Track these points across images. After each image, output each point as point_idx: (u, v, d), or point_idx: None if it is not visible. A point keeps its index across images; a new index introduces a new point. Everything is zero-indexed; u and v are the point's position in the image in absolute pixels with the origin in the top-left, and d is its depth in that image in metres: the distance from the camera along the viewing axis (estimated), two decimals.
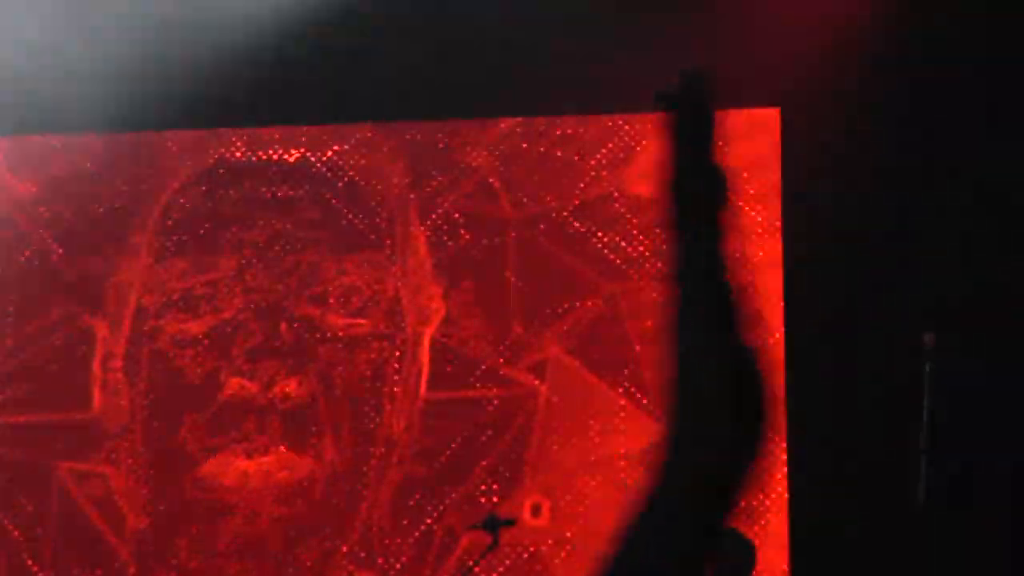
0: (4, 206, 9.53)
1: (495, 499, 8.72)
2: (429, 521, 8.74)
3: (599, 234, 9.13)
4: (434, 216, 9.29)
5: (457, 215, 9.28)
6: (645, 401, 8.78)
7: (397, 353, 9.05)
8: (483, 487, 8.78)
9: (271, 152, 9.53)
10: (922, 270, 8.40)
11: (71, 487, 8.98)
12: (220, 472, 8.87)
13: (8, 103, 9.39)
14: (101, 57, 9.19)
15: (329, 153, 9.48)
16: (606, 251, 9.10)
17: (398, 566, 8.68)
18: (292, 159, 9.49)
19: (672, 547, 2.56)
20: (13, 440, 9.07)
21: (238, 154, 9.54)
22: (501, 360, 8.96)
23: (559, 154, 9.31)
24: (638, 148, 9.23)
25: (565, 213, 9.19)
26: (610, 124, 9.31)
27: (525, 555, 8.63)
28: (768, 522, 8.45)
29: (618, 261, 9.08)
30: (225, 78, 9.18)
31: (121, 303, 9.28)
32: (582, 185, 9.23)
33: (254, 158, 9.53)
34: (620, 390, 8.83)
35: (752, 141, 8.88)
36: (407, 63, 9.14)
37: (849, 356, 8.45)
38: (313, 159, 9.48)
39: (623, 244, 9.09)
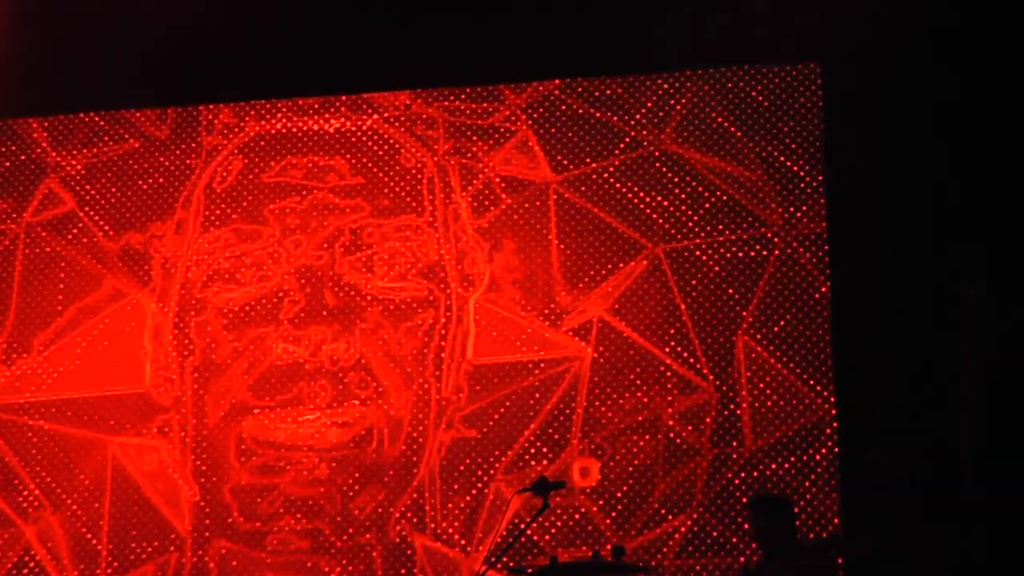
0: (50, 184, 9.61)
1: (544, 462, 8.77)
2: (480, 485, 8.81)
3: (641, 194, 9.12)
4: (475, 181, 9.31)
5: (497, 179, 9.29)
6: (691, 360, 8.79)
7: (443, 319, 9.09)
8: (532, 450, 8.83)
9: (311, 122, 9.56)
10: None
11: (125, 461, 9.10)
12: (270, 436, 8.96)
13: (50, 81, 9.47)
14: (140, 33, 9.25)
15: (368, 122, 9.50)
16: (648, 211, 9.09)
17: (450, 530, 8.75)
18: (332, 128, 9.53)
19: None
20: (68, 415, 9.18)
21: (278, 125, 9.58)
22: (546, 323, 8.99)
23: (598, 115, 9.29)
24: (678, 107, 9.20)
25: (606, 174, 9.18)
26: (648, 83, 9.28)
27: (576, 516, 8.68)
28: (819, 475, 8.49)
29: (660, 220, 9.07)
30: (263, 51, 9.23)
31: (168, 277, 9.36)
32: (622, 145, 9.21)
33: (295, 128, 9.57)
34: (666, 349, 8.84)
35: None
36: (443, 29, 9.15)
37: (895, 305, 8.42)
38: (353, 128, 9.51)
39: (665, 203, 9.07)
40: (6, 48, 9.40)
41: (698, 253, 8.97)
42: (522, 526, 8.43)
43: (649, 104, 9.23)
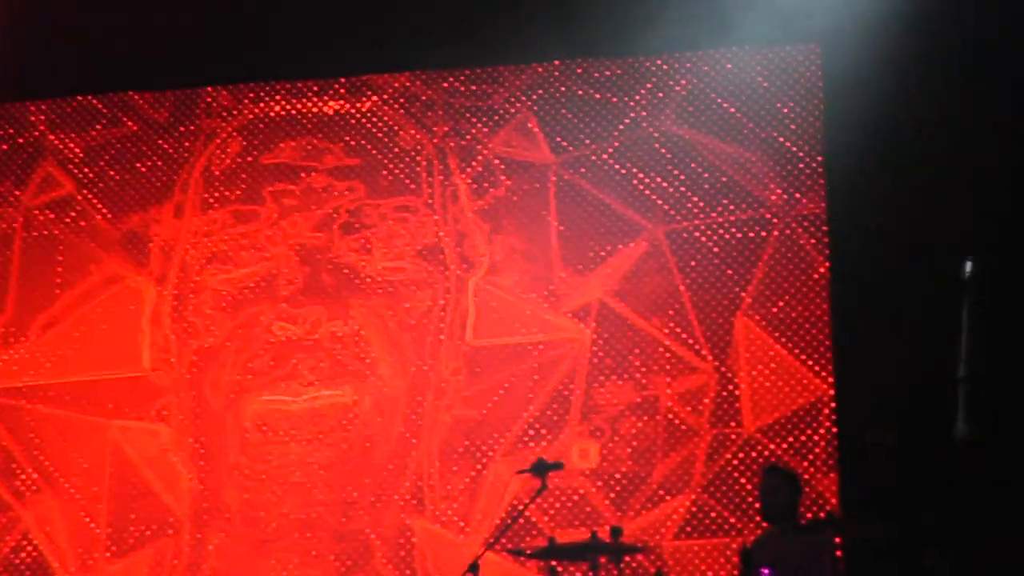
0: (48, 167, 9.61)
1: (543, 443, 8.77)
2: (478, 467, 8.81)
3: (640, 175, 9.10)
4: (474, 163, 9.29)
5: (497, 161, 9.28)
6: (691, 341, 8.79)
7: (442, 301, 9.09)
8: (531, 432, 8.83)
9: (309, 104, 9.55)
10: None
11: (124, 444, 9.10)
12: (268, 416, 8.97)
13: (48, 64, 9.46)
14: (138, 15, 9.25)
15: (367, 103, 9.49)
16: (647, 192, 9.08)
17: (449, 511, 8.76)
18: (330, 110, 9.52)
19: None
20: (67, 399, 9.19)
21: (277, 108, 9.57)
22: (545, 305, 8.98)
23: (597, 96, 9.27)
24: (677, 88, 9.17)
25: (605, 155, 9.17)
26: (648, 64, 9.25)
27: (575, 497, 8.68)
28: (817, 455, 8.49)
29: (660, 201, 9.05)
30: (261, 32, 9.22)
31: (166, 259, 9.37)
32: (621, 127, 9.20)
33: (293, 111, 9.56)
34: (665, 330, 8.83)
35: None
36: (442, 10, 9.14)
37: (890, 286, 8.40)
38: (351, 109, 9.50)
39: (664, 184, 9.06)
40: (4, 31, 9.39)
41: (697, 234, 8.95)
42: (521, 507, 8.44)
43: (648, 85, 9.20)
